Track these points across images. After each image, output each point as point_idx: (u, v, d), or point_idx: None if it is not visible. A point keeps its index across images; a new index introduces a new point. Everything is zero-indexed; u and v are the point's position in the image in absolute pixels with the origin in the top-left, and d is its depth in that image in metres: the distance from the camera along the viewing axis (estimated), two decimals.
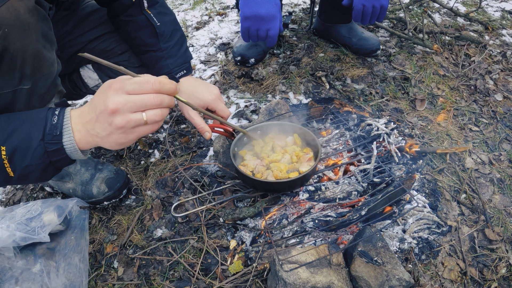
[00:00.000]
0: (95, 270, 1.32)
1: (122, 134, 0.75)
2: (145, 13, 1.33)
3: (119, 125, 0.72)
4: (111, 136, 0.75)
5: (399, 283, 1.09)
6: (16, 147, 0.77)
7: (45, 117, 0.79)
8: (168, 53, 1.37)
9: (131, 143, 0.77)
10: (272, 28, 1.62)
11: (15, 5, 0.83)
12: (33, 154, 0.78)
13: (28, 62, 0.90)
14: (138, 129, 0.75)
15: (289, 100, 1.99)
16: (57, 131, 0.78)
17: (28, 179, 0.83)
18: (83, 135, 0.79)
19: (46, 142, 0.78)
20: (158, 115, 0.74)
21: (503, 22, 2.68)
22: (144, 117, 0.73)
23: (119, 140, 0.76)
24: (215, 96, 1.32)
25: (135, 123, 0.73)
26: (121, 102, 0.71)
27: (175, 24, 1.42)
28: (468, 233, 1.37)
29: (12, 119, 0.80)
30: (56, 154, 0.79)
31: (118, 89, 0.72)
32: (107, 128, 0.74)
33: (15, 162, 0.78)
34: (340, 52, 2.28)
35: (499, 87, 2.08)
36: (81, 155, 0.82)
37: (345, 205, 1.35)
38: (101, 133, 0.76)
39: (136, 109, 0.72)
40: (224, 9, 2.96)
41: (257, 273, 1.25)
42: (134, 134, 0.75)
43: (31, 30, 0.88)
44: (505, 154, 1.68)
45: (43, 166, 0.80)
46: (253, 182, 1.26)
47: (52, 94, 1.05)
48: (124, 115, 0.72)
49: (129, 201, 1.54)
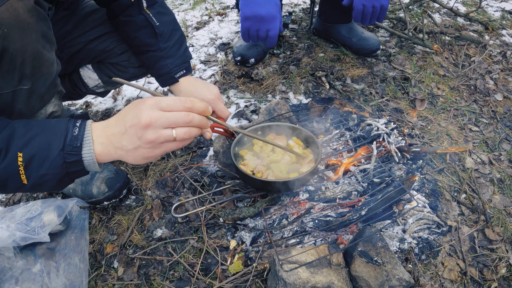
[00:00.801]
0: (95, 270, 1.32)
1: (149, 149, 0.76)
2: (144, 13, 1.33)
3: (150, 139, 0.74)
4: (138, 150, 0.77)
5: (399, 283, 1.09)
6: (34, 154, 0.77)
7: (66, 127, 0.79)
8: (167, 53, 1.37)
9: (155, 159, 0.79)
10: (272, 29, 1.62)
11: (14, 5, 0.83)
12: (52, 164, 0.78)
13: (27, 62, 0.90)
14: (166, 145, 0.77)
15: (289, 100, 1.99)
16: (77, 143, 0.78)
17: (41, 187, 0.82)
18: (106, 147, 0.79)
19: (65, 153, 0.78)
20: (187, 133, 0.76)
21: (503, 22, 2.68)
22: (174, 134, 0.75)
23: (146, 155, 0.78)
24: (215, 96, 1.32)
25: (164, 139, 0.75)
26: (154, 117, 0.73)
27: (174, 24, 1.41)
28: (468, 233, 1.37)
29: (30, 126, 0.80)
30: (74, 165, 0.79)
31: (152, 105, 0.74)
32: (136, 142, 0.76)
33: (31, 170, 0.78)
34: (340, 52, 2.28)
35: (499, 87, 2.08)
36: (97, 168, 0.83)
37: (345, 205, 1.35)
38: (128, 146, 0.77)
39: (167, 125, 0.74)
40: (224, 9, 2.96)
41: (257, 273, 1.25)
42: (161, 149, 0.77)
43: (31, 30, 0.88)
44: (505, 154, 1.68)
45: (60, 176, 0.80)
46: (253, 181, 1.27)
47: (52, 94, 1.06)
48: (156, 130, 0.74)
49: (129, 201, 1.54)
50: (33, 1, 0.88)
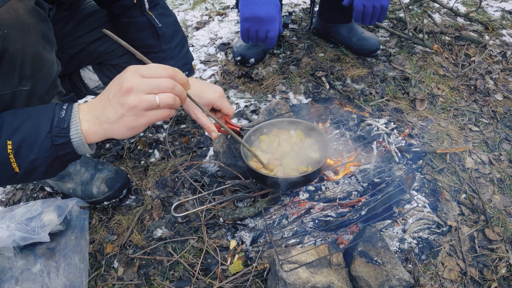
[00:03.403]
0: (95, 270, 1.32)
1: (133, 116, 0.75)
2: (146, 15, 1.33)
3: (132, 104, 0.73)
4: (122, 119, 0.75)
5: (399, 283, 1.09)
6: (22, 140, 0.77)
7: (53, 110, 0.79)
8: (169, 54, 1.37)
9: (141, 130, 0.79)
10: (272, 30, 1.62)
11: (14, 6, 0.83)
12: (40, 147, 0.78)
13: (27, 63, 0.90)
14: (150, 112, 0.75)
15: (289, 100, 1.99)
16: (64, 124, 0.78)
17: (33, 175, 0.82)
18: (92, 124, 0.79)
19: (53, 135, 0.78)
20: (171, 99, 0.75)
21: (503, 22, 2.68)
22: (157, 100, 0.74)
23: (130, 123, 0.76)
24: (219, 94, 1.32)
25: (147, 104, 0.74)
26: (135, 82, 0.73)
27: (176, 25, 1.41)
28: (468, 233, 1.37)
29: (19, 114, 0.81)
30: (63, 147, 0.79)
31: (134, 71, 0.74)
32: (119, 110, 0.75)
33: (21, 156, 0.78)
34: (340, 52, 2.28)
35: (499, 87, 2.08)
36: (88, 149, 0.82)
37: (345, 205, 1.35)
38: (112, 117, 0.76)
39: (150, 90, 0.73)
40: (224, 9, 2.96)
41: (257, 273, 1.25)
42: (146, 117, 0.76)
43: (31, 31, 0.89)
44: (505, 154, 1.68)
45: (50, 159, 0.80)
46: (265, 179, 1.24)
47: (52, 95, 1.05)
48: (138, 94, 0.73)
49: (129, 201, 1.54)
50: (33, 2, 0.88)
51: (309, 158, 1.32)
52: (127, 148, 1.76)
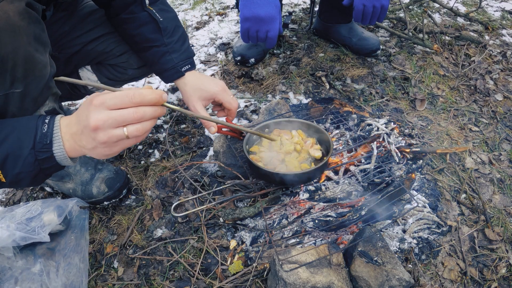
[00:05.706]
0: (95, 270, 1.32)
1: (106, 148, 0.77)
2: (147, 10, 1.32)
3: (102, 140, 0.75)
4: (96, 149, 0.78)
5: (399, 283, 1.09)
6: (7, 155, 0.79)
7: (36, 125, 0.80)
8: (172, 48, 1.36)
9: (118, 153, 0.81)
10: (272, 30, 1.62)
11: (4, 8, 0.83)
12: (24, 162, 0.79)
13: (19, 65, 0.90)
14: (121, 142, 0.77)
15: (289, 100, 1.99)
16: (47, 140, 0.80)
17: (19, 184, 0.85)
18: (71, 144, 0.81)
19: (36, 151, 0.79)
20: (140, 130, 0.75)
21: (503, 22, 2.68)
22: (126, 132, 0.74)
23: (104, 153, 0.79)
24: (221, 88, 1.31)
25: (117, 138, 0.75)
26: (101, 119, 0.73)
27: (176, 20, 1.41)
28: (468, 233, 1.37)
29: (3, 126, 0.81)
30: (46, 161, 0.81)
31: (98, 105, 0.73)
32: (92, 143, 0.77)
33: (7, 169, 0.80)
34: (340, 52, 2.28)
35: (499, 87, 2.08)
36: (70, 162, 0.84)
37: (345, 205, 1.35)
38: (87, 145, 0.78)
39: (116, 125, 0.74)
40: (224, 9, 2.96)
41: (257, 273, 1.25)
42: (118, 147, 0.78)
43: (22, 33, 0.88)
44: (505, 154, 1.68)
45: (34, 173, 0.82)
46: (271, 175, 1.26)
47: (46, 96, 1.05)
48: (106, 131, 0.74)
49: (129, 201, 1.54)
50: (24, 4, 0.88)
51: (312, 157, 1.35)
52: (127, 148, 1.76)
